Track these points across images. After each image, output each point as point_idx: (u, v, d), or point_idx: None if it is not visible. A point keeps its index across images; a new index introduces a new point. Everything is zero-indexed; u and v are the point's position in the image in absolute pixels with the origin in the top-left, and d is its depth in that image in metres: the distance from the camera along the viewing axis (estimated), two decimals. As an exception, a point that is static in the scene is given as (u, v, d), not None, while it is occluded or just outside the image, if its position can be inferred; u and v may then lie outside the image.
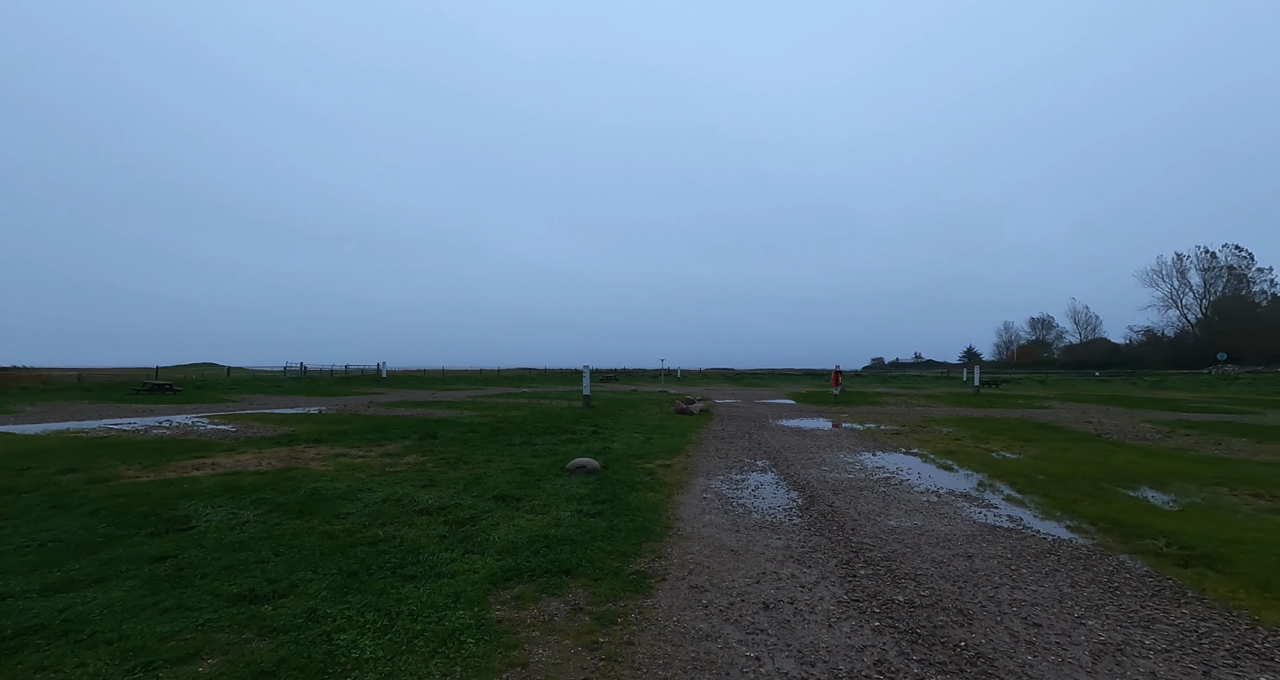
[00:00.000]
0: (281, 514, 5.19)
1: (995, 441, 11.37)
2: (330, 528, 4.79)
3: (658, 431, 12.60)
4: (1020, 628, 3.18)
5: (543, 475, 7.33)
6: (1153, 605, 3.49)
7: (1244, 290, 69.54)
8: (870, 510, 5.97)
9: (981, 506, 6.14)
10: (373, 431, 11.76)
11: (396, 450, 9.38)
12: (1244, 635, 3.08)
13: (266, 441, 10.44)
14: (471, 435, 11.23)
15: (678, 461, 8.86)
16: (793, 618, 3.33)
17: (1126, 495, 6.58)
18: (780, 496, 6.65)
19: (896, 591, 3.71)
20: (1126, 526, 5.19)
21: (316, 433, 11.70)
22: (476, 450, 9.35)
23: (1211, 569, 4.09)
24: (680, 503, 6.23)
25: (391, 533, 4.71)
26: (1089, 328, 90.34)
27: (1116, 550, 4.58)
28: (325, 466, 7.79)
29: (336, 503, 5.66)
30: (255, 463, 8.00)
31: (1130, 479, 7.48)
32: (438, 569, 3.93)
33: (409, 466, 7.87)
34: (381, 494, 6.06)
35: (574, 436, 11.28)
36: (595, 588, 3.70)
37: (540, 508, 5.72)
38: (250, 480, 6.67)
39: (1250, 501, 6.27)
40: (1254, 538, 4.79)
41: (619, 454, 9.20)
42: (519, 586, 3.70)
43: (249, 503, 5.57)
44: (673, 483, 7.25)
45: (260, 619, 3.11)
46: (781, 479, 7.70)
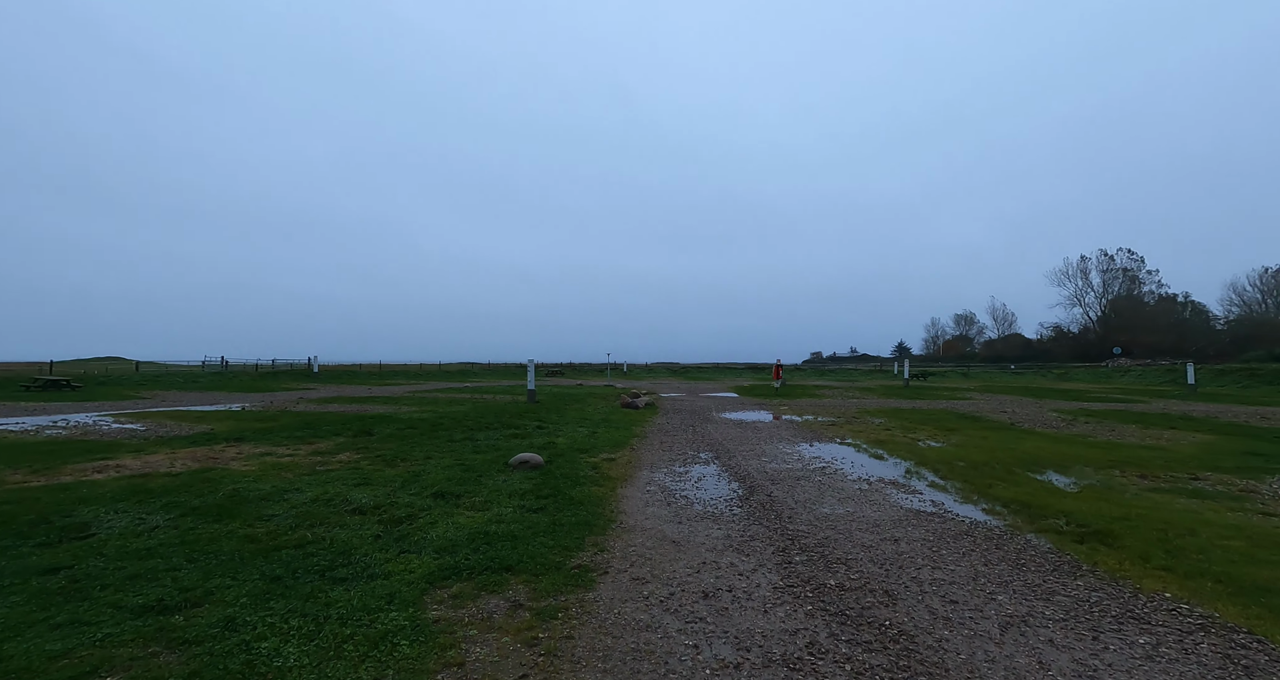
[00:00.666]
0: (197, 518, 4.84)
1: (922, 431, 12.06)
2: (252, 531, 4.51)
3: (603, 426, 12.59)
4: (939, 605, 3.40)
5: (485, 471, 7.18)
6: (1053, 579, 3.81)
7: (1136, 290, 76.72)
8: (806, 499, 6.20)
9: (908, 493, 6.50)
10: (302, 429, 11.15)
11: (328, 448, 8.94)
12: (1128, 602, 3.41)
13: (181, 440, 9.70)
14: (410, 432, 10.85)
15: (622, 455, 8.89)
16: (730, 605, 3.42)
17: (1034, 479, 7.14)
18: (722, 487, 6.80)
19: (829, 576, 3.88)
20: (1033, 508, 5.63)
21: (239, 431, 10.98)
22: (415, 447, 9.05)
23: (1103, 544, 4.50)
24: (624, 496, 6.26)
25: (321, 534, 4.49)
26: (1006, 323, 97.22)
27: (1024, 530, 4.97)
28: (248, 466, 7.32)
29: (260, 504, 5.33)
30: (168, 464, 7.42)
31: (1038, 464, 8.12)
32: (371, 570, 3.78)
33: (342, 464, 7.52)
34: (311, 494, 5.77)
35: (518, 432, 11.11)
36: (536, 583, 3.67)
37: (481, 504, 5.61)
38: (161, 483, 6.18)
39: (1137, 482, 6.95)
40: (1138, 514, 5.31)
41: (563, 449, 9.14)
42: (457, 585, 3.62)
43: (159, 507, 5.16)
44: (617, 476, 7.27)
45: (170, 631, 2.89)
46: (723, 470, 7.88)
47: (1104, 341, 70.68)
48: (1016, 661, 2.76)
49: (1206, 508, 5.66)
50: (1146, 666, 2.71)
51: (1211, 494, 6.27)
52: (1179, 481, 6.95)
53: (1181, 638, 2.98)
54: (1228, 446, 9.73)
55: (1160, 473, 7.43)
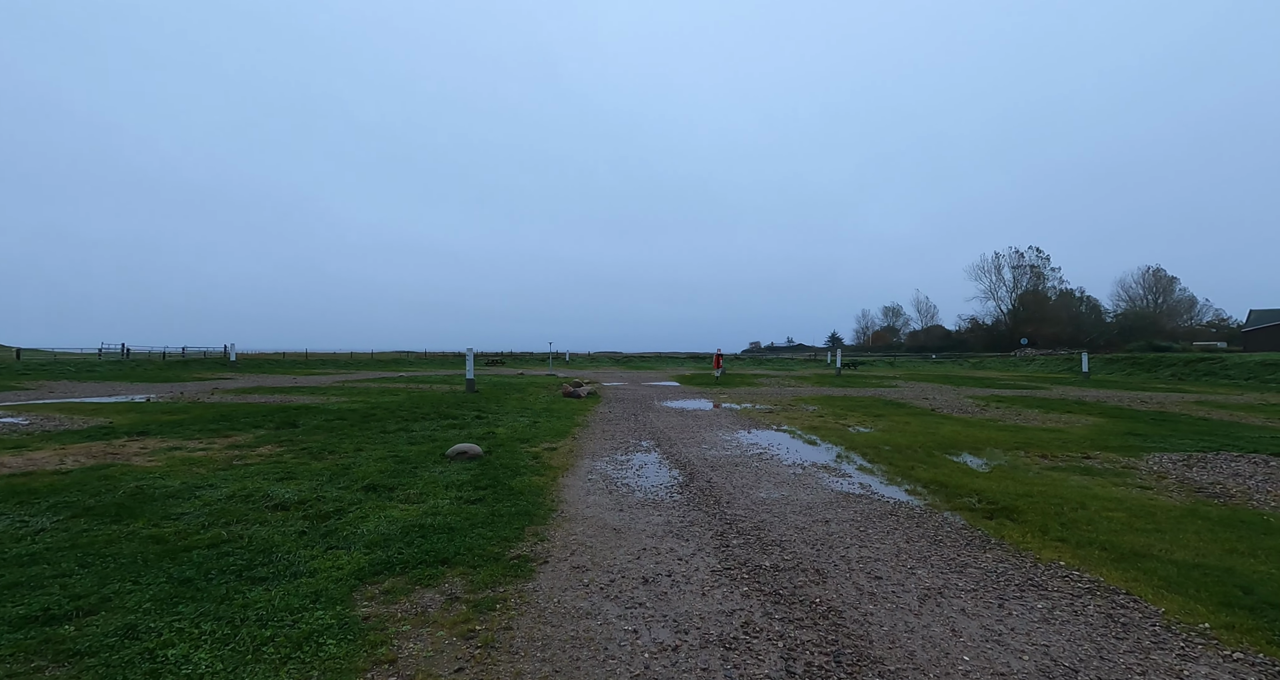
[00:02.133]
0: (92, 519, 4.41)
1: (852, 418, 12.67)
2: (158, 531, 4.16)
3: (544, 415, 12.46)
4: (865, 581, 3.59)
5: (420, 463, 6.95)
6: (966, 553, 4.11)
7: (1041, 285, 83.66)
8: (744, 484, 6.38)
9: (838, 476, 6.82)
10: (217, 421, 10.38)
11: (247, 441, 8.36)
12: (1028, 571, 3.74)
13: (73, 435, 8.80)
14: (339, 423, 10.33)
15: (564, 444, 8.83)
16: (669, 590, 3.47)
17: (951, 461, 7.66)
18: (663, 475, 6.89)
19: (764, 558, 4.02)
20: (950, 488, 6.05)
21: (142, 424, 10.08)
22: (344, 439, 8.62)
23: (1009, 519, 4.90)
24: (565, 485, 6.23)
25: (238, 532, 4.20)
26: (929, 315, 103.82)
27: (941, 509, 5.33)
28: (154, 462, 6.74)
29: (167, 502, 4.92)
30: (56, 461, 6.71)
31: (954, 447, 8.72)
32: (294, 568, 3.58)
33: (262, 459, 7.06)
34: (227, 490, 5.38)
35: (456, 422, 10.80)
36: (473, 575, 3.59)
37: (416, 497, 5.42)
38: (49, 482, 5.59)
39: (1038, 462, 7.60)
40: (1039, 491, 5.81)
41: (503, 438, 8.97)
42: (389, 580, 3.48)
43: (45, 508, 4.66)
44: (558, 465, 7.22)
45: (57, 642, 2.62)
46: (664, 458, 7.98)
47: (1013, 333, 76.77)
48: (933, 631, 2.96)
49: (1095, 483, 6.27)
50: (1043, 628, 2.98)
51: (1100, 471, 6.95)
52: (1073, 461, 7.66)
53: (1072, 601, 3.29)
54: (1113, 428, 10.81)
55: (1058, 453, 8.15)
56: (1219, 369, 30.44)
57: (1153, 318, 69.92)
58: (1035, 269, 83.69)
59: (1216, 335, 64.85)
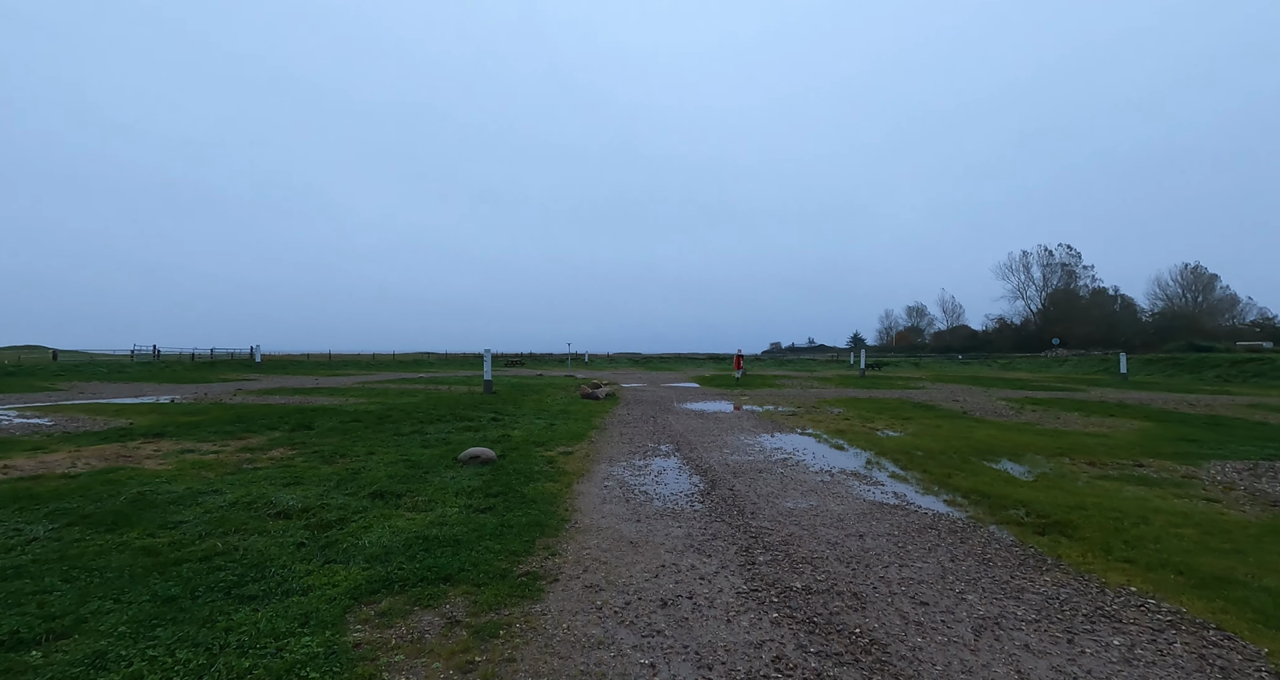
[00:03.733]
0: (86, 527, 4.24)
1: (880, 421, 12.17)
2: (152, 542, 3.96)
3: (561, 417, 12.20)
4: (909, 608, 3.21)
5: (431, 467, 6.72)
6: (1020, 575, 3.70)
7: (1072, 284, 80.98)
8: (769, 492, 6.01)
9: (870, 484, 6.41)
10: (234, 423, 10.33)
11: (260, 444, 8.25)
12: (1096, 599, 3.32)
13: (90, 437, 8.79)
14: (354, 425, 10.20)
15: (580, 448, 8.55)
16: (691, 615, 3.14)
17: (990, 468, 7.18)
18: (683, 482, 6.56)
19: (794, 578, 3.66)
20: (993, 498, 5.60)
21: (161, 425, 10.08)
22: (358, 442, 8.46)
23: (1064, 535, 4.46)
24: (580, 492, 5.93)
25: (235, 543, 3.99)
26: (955, 315, 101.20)
27: (986, 522, 4.90)
28: (164, 465, 6.62)
29: (168, 509, 4.75)
30: (68, 463, 6.64)
31: (992, 452, 8.21)
32: (287, 585, 3.33)
33: (272, 462, 6.90)
34: (231, 496, 5.20)
35: (471, 424, 10.60)
36: (477, 595, 3.31)
37: (424, 505, 5.18)
38: (54, 486, 5.47)
39: (1086, 470, 7.08)
40: (1093, 503, 5.33)
41: (518, 442, 8.72)
42: (387, 600, 3.22)
43: (43, 515, 4.51)
44: (573, 471, 6.93)
45: (19, 672, 2.40)
46: (684, 463, 7.64)
47: (1043, 332, 74.45)
48: (994, 671, 2.58)
49: (1154, 495, 5.76)
50: (1125, 671, 2.58)
51: (1156, 481, 6.42)
52: (1125, 469, 7.12)
53: (1154, 637, 2.87)
54: (1163, 433, 10.14)
55: (1107, 460, 7.61)
56: (1269, 370, 28.97)
57: (1192, 317, 67.16)
58: (1066, 267, 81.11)
59: (1261, 335, 61.90)
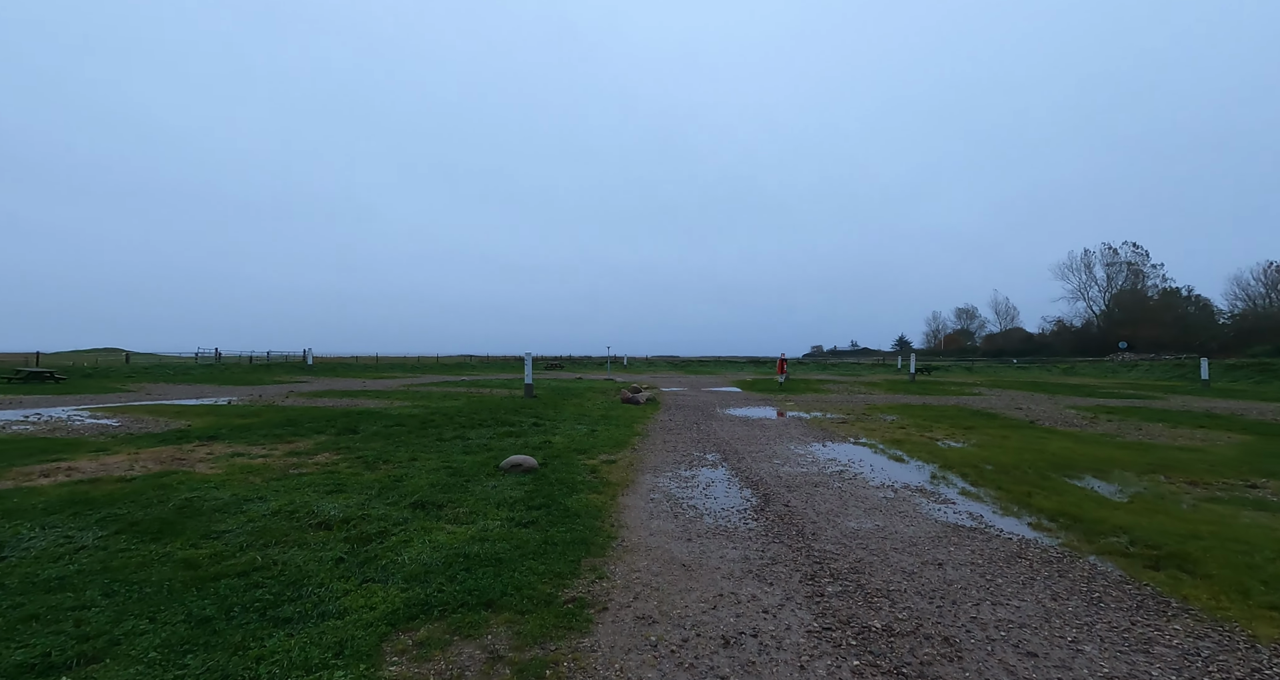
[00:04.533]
0: (133, 535, 4.20)
1: (938, 429, 11.44)
2: (193, 553, 3.87)
3: (603, 423, 11.97)
4: (1014, 660, 2.77)
5: (473, 475, 6.56)
6: (1143, 621, 3.18)
7: (1140, 284, 75.95)
8: (828, 510, 5.58)
9: (939, 502, 5.88)
10: (283, 426, 10.51)
11: (307, 448, 8.30)
12: (1248, 656, 2.78)
13: (150, 439, 9.06)
14: (397, 429, 10.22)
15: (623, 456, 8.27)
16: (758, 658, 2.79)
17: (1074, 486, 6.52)
18: (733, 496, 6.18)
19: (871, 615, 3.25)
20: (1085, 522, 5.01)
21: (215, 427, 10.34)
22: (400, 447, 8.42)
23: (1183, 571, 3.88)
24: (625, 506, 5.64)
25: (274, 556, 3.86)
26: (1008, 317, 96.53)
27: (1084, 551, 4.34)
28: (214, 469, 6.69)
29: (212, 517, 4.70)
30: (126, 466, 6.78)
31: (1071, 467, 7.50)
32: (324, 606, 3.15)
33: (317, 468, 6.88)
34: (274, 504, 5.13)
35: (513, 429, 10.48)
36: (521, 624, 3.04)
37: (465, 516, 4.99)
38: (109, 490, 5.55)
39: (1188, 490, 6.33)
40: (1209, 532, 4.68)
41: (560, 449, 8.51)
42: (425, 627, 2.99)
43: (94, 521, 4.52)
44: (617, 481, 6.65)
45: (44, 704, 2.26)
46: (733, 475, 7.25)
47: (1107, 336, 70.09)
48: (1139, 751, 2.13)
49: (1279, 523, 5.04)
50: (1310, 760, 2.08)
51: (1278, 505, 5.65)
52: (1235, 490, 6.33)
53: (1335, 712, 2.35)
54: (1269, 448, 9.12)
55: (1210, 479, 6.81)
56: (1375, 376, 26.23)
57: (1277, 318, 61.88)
58: (1133, 266, 76.20)
59: (1360, 337, 56.44)
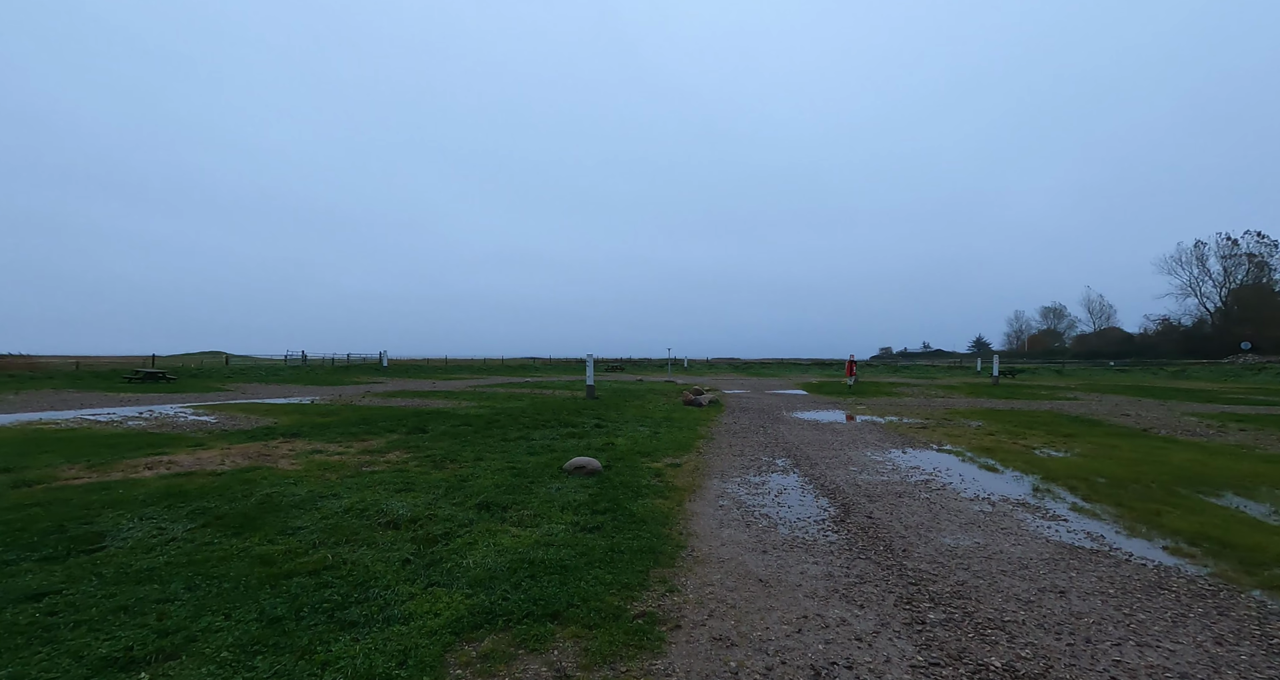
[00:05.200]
0: (218, 529, 4.34)
1: (1033, 437, 10.42)
2: (270, 548, 3.94)
3: (665, 425, 11.73)
4: (1181, 719, 2.28)
5: (537, 477, 6.48)
6: (1345, 677, 2.58)
7: (1265, 278, 67.49)
8: (918, 523, 5.07)
9: (1048, 519, 5.23)
10: (359, 424, 10.94)
11: (379, 446, 8.55)
12: None
13: (241, 435, 9.63)
14: (464, 429, 10.39)
15: (688, 460, 7.99)
16: (857, 696, 2.44)
17: (1212, 504, 5.65)
18: (809, 504, 5.76)
19: (986, 650, 2.81)
20: (1237, 548, 4.27)
21: (298, 425, 10.91)
22: (467, 446, 8.51)
23: (1384, 615, 3.17)
24: (693, 512, 5.36)
25: (344, 555, 3.86)
26: (1103, 316, 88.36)
27: (1243, 584, 3.66)
28: (294, 465, 6.96)
29: (289, 513, 4.81)
30: (218, 461, 7.18)
31: (1204, 483, 6.54)
32: (389, 610, 3.07)
33: (388, 466, 7.03)
34: (347, 501, 5.22)
35: (575, 430, 10.43)
36: (589, 639, 2.84)
37: (530, 519, 4.87)
38: (201, 483, 5.84)
39: (1363, 514, 5.33)
40: (1407, 566, 3.86)
41: (623, 451, 8.34)
42: (489, 638, 2.84)
43: (186, 513, 4.73)
44: (684, 486, 6.38)
45: (120, 701, 2.25)
46: (807, 482, 6.81)
47: (1224, 336, 62.78)
48: None
49: None
50: None
51: None
52: None
53: None
54: None
55: (1391, 501, 5.72)
56: None
57: None
58: (1255, 258, 67.64)
59: None
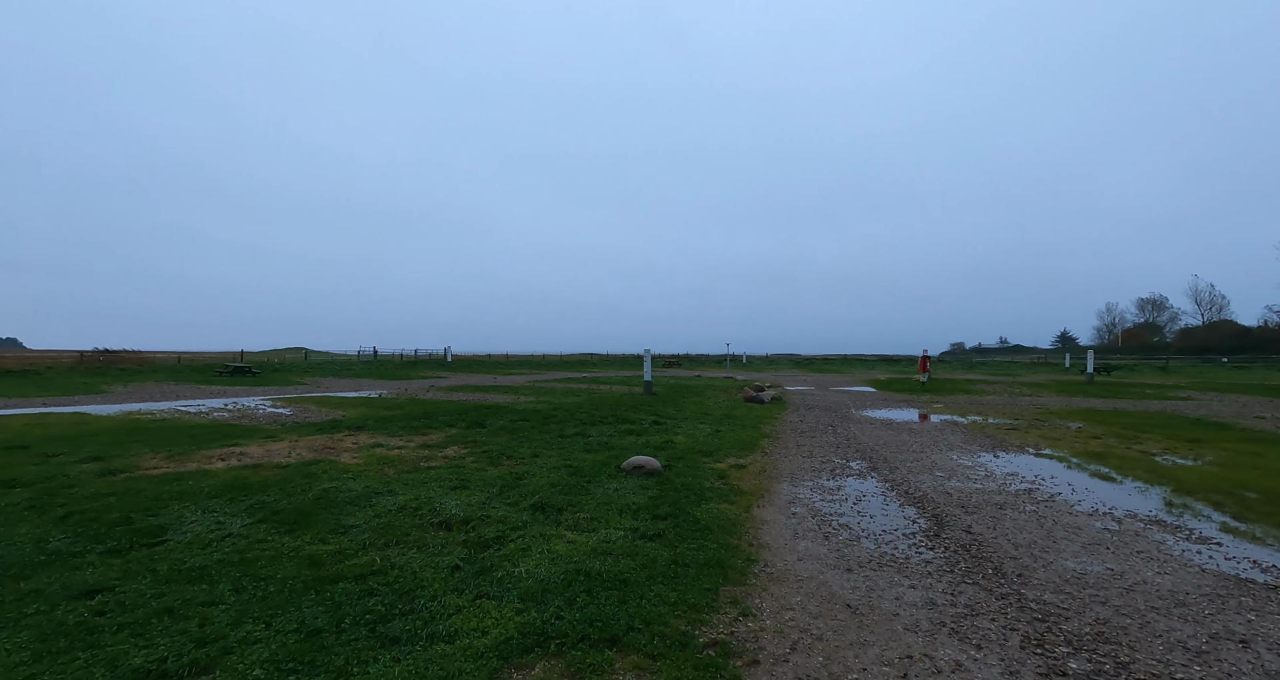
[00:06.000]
0: (273, 525, 4.27)
1: (1150, 442, 9.18)
2: (320, 549, 3.79)
3: (726, 422, 11.21)
4: None
5: (594, 475, 6.17)
6: None
7: None
8: (1029, 541, 4.37)
9: (1195, 542, 4.39)
10: (420, 418, 11.07)
11: (438, 440, 8.53)
12: None
13: (310, 428, 9.91)
14: (522, 424, 10.28)
15: (753, 460, 7.47)
16: (995, 775, 1.93)
17: None
18: (893, 514, 5.15)
19: (1159, 719, 2.21)
20: None
21: (363, 418, 11.15)
22: (524, 442, 8.35)
23: None
24: (763, 520, 4.88)
25: (392, 558, 3.66)
26: (1213, 308, 79.30)
27: None
28: (355, 459, 6.98)
29: (344, 510, 4.71)
30: (285, 453, 7.32)
31: (1389, 502, 5.40)
32: (434, 625, 2.80)
33: (445, 461, 6.93)
34: (401, 498, 5.08)
35: (633, 427, 10.10)
36: (653, 673, 2.45)
37: (586, 523, 4.55)
38: (265, 476, 5.90)
39: None
40: None
41: (683, 449, 7.92)
42: (541, 664, 2.51)
43: (245, 507, 4.71)
44: (750, 489, 5.89)
45: (142, 724, 2.06)
46: (888, 487, 6.16)
47: (1367, 326, 54.91)
48: None
49: None
50: None
51: None
52: None
53: None
54: None
55: None
56: None
57: None
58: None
59: None
